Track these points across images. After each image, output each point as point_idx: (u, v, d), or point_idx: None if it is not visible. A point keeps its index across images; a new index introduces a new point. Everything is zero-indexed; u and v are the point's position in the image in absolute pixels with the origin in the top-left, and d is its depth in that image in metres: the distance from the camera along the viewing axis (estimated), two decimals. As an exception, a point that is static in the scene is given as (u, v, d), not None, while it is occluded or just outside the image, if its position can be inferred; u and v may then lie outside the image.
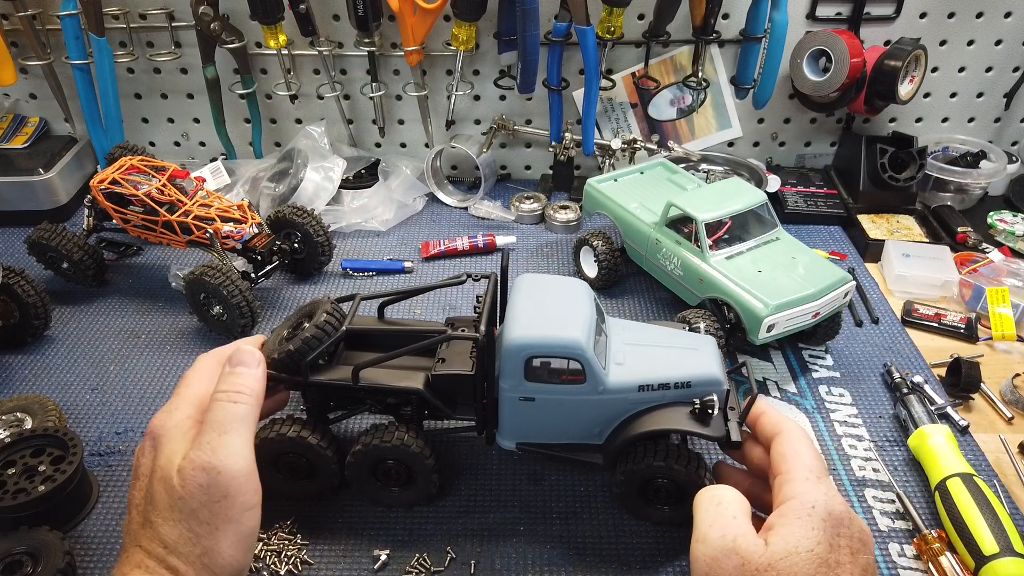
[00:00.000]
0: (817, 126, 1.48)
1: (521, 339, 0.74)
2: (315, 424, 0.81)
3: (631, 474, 0.78)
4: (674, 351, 0.80)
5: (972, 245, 1.27)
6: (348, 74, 1.42)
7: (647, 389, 0.76)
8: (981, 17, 1.35)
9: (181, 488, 0.62)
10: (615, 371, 0.77)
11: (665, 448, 0.77)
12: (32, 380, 1.03)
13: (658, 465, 0.76)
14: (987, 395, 1.00)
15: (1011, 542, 0.74)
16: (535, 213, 1.38)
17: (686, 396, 0.76)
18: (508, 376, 0.76)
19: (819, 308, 0.98)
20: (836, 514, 0.62)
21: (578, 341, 0.74)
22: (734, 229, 1.07)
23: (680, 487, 0.78)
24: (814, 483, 0.65)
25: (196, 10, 1.26)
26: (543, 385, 0.76)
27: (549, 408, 0.78)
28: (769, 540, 0.61)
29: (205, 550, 0.61)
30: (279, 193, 1.33)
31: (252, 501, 0.65)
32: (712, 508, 0.65)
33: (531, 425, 0.80)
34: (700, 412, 0.75)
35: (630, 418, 0.78)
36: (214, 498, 0.62)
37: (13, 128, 1.45)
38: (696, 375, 0.77)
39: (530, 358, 0.75)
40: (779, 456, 0.70)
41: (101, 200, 1.12)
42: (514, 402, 0.78)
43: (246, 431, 0.66)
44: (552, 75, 1.34)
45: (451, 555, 0.80)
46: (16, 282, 1.05)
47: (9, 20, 1.36)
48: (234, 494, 0.63)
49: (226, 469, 0.63)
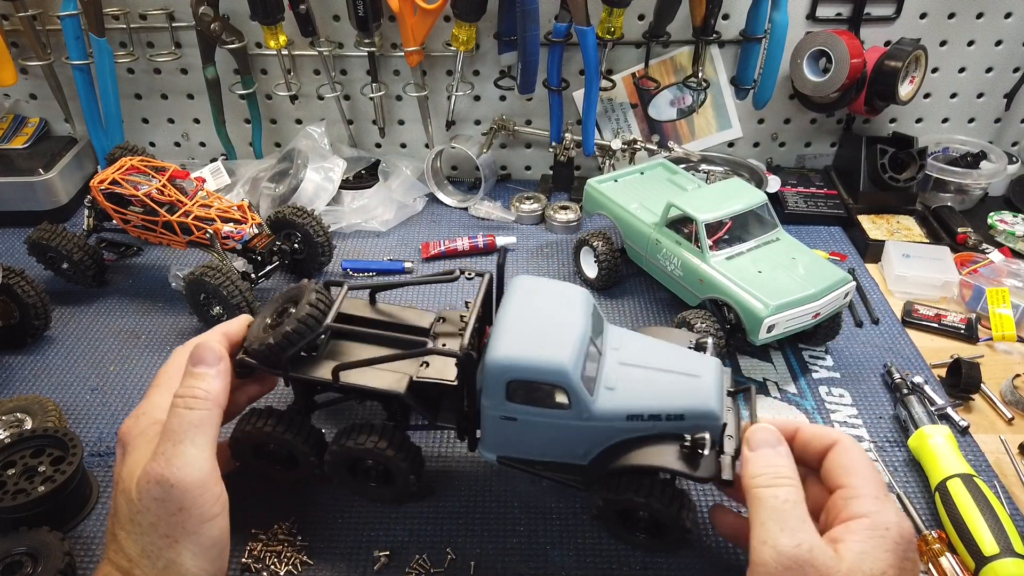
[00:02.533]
0: (817, 126, 1.48)
1: (504, 361, 0.70)
2: (293, 418, 0.79)
3: (610, 503, 0.75)
4: (672, 377, 0.74)
5: (972, 246, 1.27)
6: (348, 74, 1.43)
7: (637, 419, 0.71)
8: (981, 18, 1.35)
9: (138, 502, 0.61)
10: (604, 396, 0.72)
11: (649, 484, 0.73)
12: (32, 380, 1.03)
13: (639, 501, 0.72)
14: (987, 396, 1.00)
15: (1011, 543, 0.74)
16: (535, 213, 1.38)
17: (679, 428, 0.71)
18: (489, 395, 0.72)
19: (819, 308, 0.98)
20: (907, 537, 0.60)
21: (564, 368, 0.68)
22: (734, 229, 1.07)
23: (660, 524, 0.75)
24: (884, 502, 0.62)
25: (196, 10, 1.26)
26: (525, 407, 0.72)
27: (531, 429, 0.73)
28: (841, 553, 0.58)
29: (168, 563, 0.60)
30: (279, 193, 1.33)
31: (211, 512, 0.63)
32: (779, 507, 0.61)
33: (512, 442, 0.76)
34: (690, 451, 0.69)
35: (617, 446, 0.73)
36: (170, 511, 0.61)
37: (13, 128, 1.45)
38: (691, 408, 0.71)
39: (511, 381, 0.70)
40: (840, 469, 0.66)
41: (101, 200, 1.12)
42: (495, 419, 0.74)
43: (202, 438, 0.64)
44: (552, 75, 1.34)
45: (451, 555, 0.79)
46: (16, 282, 1.05)
47: (9, 20, 1.36)
48: (189, 507, 0.61)
49: (179, 482, 0.61)
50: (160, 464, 0.62)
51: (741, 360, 1.06)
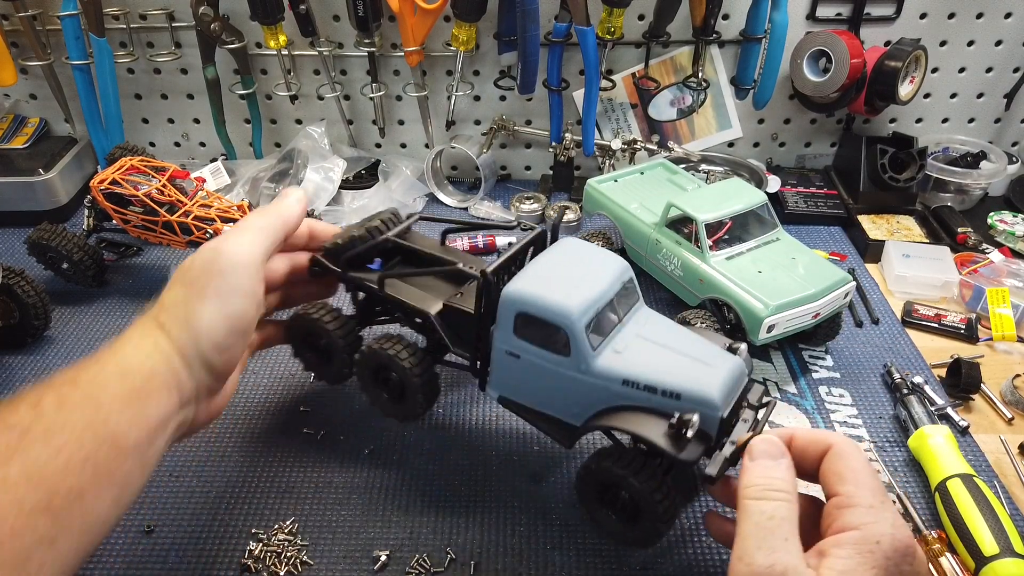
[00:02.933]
0: (817, 127, 1.48)
1: (516, 293, 0.73)
2: (344, 319, 0.88)
3: (588, 471, 0.75)
4: (684, 359, 0.73)
5: (972, 246, 1.27)
6: (348, 75, 1.43)
7: (632, 386, 0.71)
8: (981, 18, 1.35)
9: (191, 262, 0.70)
10: (608, 357, 0.73)
11: (635, 460, 0.71)
12: (32, 380, 1.03)
13: (618, 472, 0.71)
14: (987, 396, 1.00)
15: (1011, 543, 0.74)
16: (535, 214, 1.38)
17: (676, 408, 0.70)
18: (501, 326, 0.76)
19: (819, 309, 0.98)
20: (901, 549, 0.57)
21: (569, 311, 0.71)
22: (734, 229, 1.07)
23: (637, 508, 0.73)
24: (879, 511, 0.59)
25: (196, 10, 1.26)
26: (529, 345, 0.75)
27: (531, 370, 0.76)
28: (821, 573, 0.56)
29: (189, 312, 0.67)
30: (279, 193, 1.33)
31: (245, 287, 0.70)
32: (763, 523, 0.59)
33: (514, 382, 0.79)
34: (675, 431, 0.68)
35: (607, 410, 0.73)
36: (210, 272, 0.69)
37: (13, 128, 1.45)
38: (689, 389, 0.70)
39: (520, 313, 0.74)
40: (834, 476, 0.63)
41: (101, 200, 1.12)
42: (502, 354, 0.77)
43: (261, 236, 0.74)
44: (552, 75, 1.34)
45: (451, 555, 0.79)
46: (16, 282, 1.05)
47: (9, 20, 1.36)
48: (227, 273, 0.69)
49: (227, 252, 0.70)
50: (221, 239, 0.72)
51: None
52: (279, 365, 1.04)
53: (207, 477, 0.88)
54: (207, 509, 0.85)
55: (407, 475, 0.89)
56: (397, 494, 0.86)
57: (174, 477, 0.88)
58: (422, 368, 0.83)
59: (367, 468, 0.90)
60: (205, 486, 0.87)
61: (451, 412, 0.98)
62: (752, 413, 0.75)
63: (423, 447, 0.92)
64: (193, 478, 0.88)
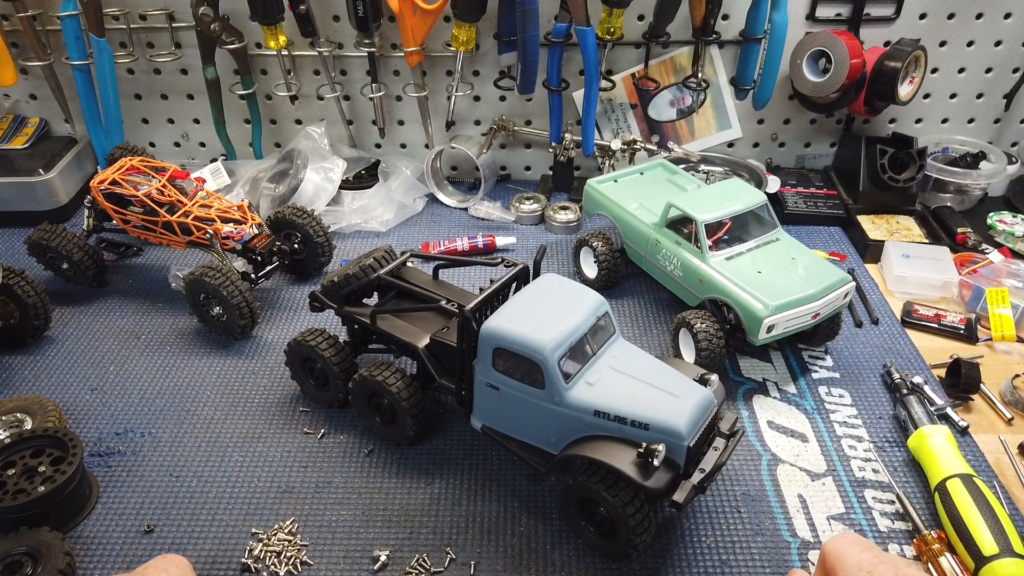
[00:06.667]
0: (817, 127, 1.49)
1: (493, 329, 0.77)
2: (340, 346, 0.94)
3: (567, 487, 0.78)
4: (653, 391, 0.77)
5: (972, 246, 1.27)
6: (348, 75, 1.43)
7: (603, 416, 0.75)
8: (981, 18, 1.35)
9: None
10: (580, 389, 0.77)
11: (611, 481, 0.74)
12: (32, 380, 1.03)
13: (592, 487, 0.74)
14: (987, 396, 1.00)
15: (1011, 543, 0.74)
16: (535, 214, 1.38)
17: (644, 437, 0.74)
18: (481, 360, 0.80)
19: (819, 309, 0.99)
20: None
21: (542, 347, 0.75)
22: (734, 230, 1.07)
23: (613, 522, 0.76)
24: None
25: (196, 11, 1.26)
26: (507, 378, 0.79)
27: (510, 402, 0.80)
28: None
29: None
30: (279, 194, 1.33)
31: None
32: None
33: (495, 412, 0.83)
34: (642, 458, 0.72)
35: (582, 439, 0.77)
36: None
37: (13, 129, 1.45)
38: (656, 420, 0.73)
39: (497, 348, 0.77)
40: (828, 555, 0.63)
41: (101, 201, 1.12)
42: (483, 386, 0.82)
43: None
44: (552, 76, 1.34)
45: (451, 555, 0.80)
46: (16, 282, 1.05)
47: (9, 21, 1.36)
48: None
49: None
50: None
51: (741, 360, 1.06)
52: (279, 366, 1.04)
53: (207, 477, 0.89)
54: (207, 509, 0.85)
55: (407, 475, 0.89)
56: (397, 494, 0.87)
57: (174, 477, 0.88)
58: (410, 393, 0.88)
59: (367, 468, 0.90)
60: (205, 486, 0.87)
61: (451, 412, 0.98)
62: (723, 441, 0.79)
63: (423, 447, 0.93)
64: (193, 478, 0.88)
